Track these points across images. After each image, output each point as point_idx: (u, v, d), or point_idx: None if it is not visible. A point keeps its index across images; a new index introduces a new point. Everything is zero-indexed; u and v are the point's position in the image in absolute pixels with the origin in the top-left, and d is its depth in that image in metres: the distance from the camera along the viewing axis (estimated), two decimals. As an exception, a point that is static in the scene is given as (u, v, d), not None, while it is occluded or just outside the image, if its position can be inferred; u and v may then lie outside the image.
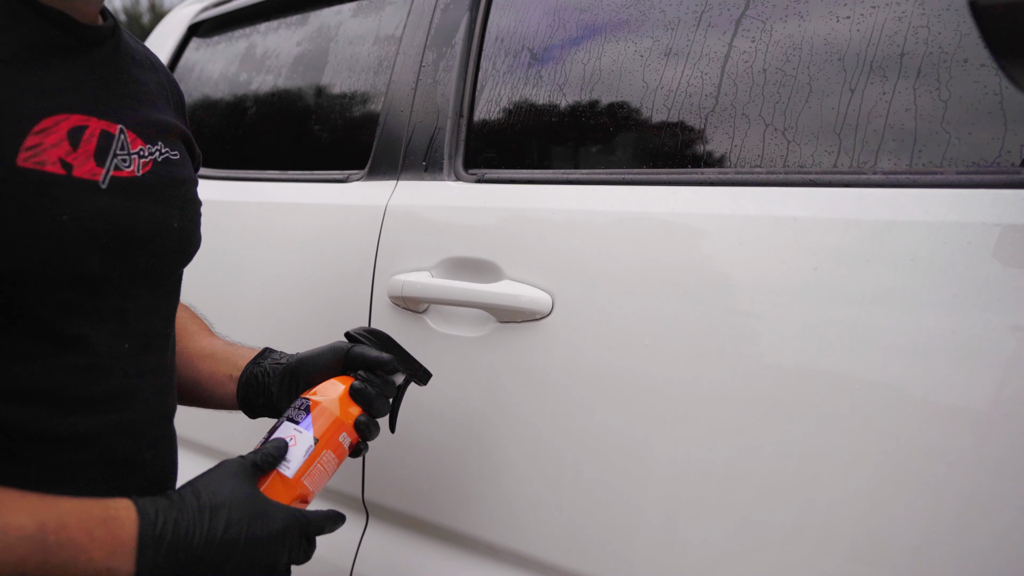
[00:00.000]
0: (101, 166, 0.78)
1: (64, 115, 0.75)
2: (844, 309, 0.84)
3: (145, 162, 0.84)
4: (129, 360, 0.83)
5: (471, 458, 1.14)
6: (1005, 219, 0.77)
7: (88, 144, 0.77)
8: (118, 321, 0.82)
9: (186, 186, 0.92)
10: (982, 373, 0.76)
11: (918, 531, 0.79)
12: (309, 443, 0.87)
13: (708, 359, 0.92)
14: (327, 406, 0.91)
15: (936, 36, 0.87)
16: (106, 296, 0.80)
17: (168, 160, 0.88)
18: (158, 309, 0.89)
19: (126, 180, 0.81)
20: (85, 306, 0.78)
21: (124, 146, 0.81)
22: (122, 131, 0.81)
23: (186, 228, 0.91)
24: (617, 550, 0.99)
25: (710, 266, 0.94)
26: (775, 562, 0.88)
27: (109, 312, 0.81)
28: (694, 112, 1.04)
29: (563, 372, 1.05)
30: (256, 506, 0.80)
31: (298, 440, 0.87)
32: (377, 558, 1.27)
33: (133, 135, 0.83)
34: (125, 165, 0.81)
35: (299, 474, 0.87)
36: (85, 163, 0.77)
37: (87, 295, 0.78)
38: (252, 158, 1.76)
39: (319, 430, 0.89)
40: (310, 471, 0.88)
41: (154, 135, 0.87)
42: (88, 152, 0.77)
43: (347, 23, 1.63)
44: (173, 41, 2.02)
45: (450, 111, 1.28)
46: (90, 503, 0.73)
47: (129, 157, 0.82)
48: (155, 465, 0.90)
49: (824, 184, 0.90)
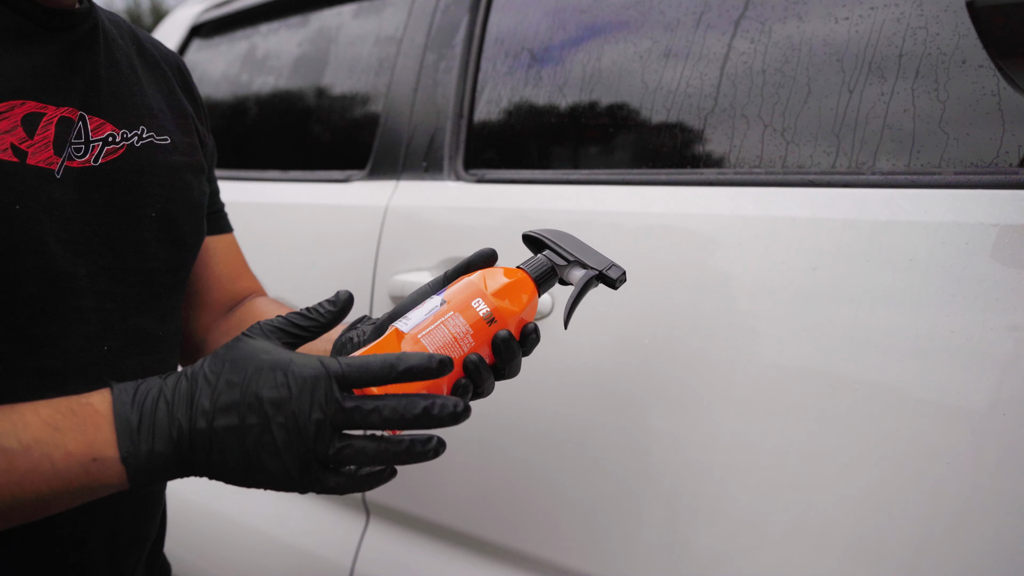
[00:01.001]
0: (60, 155, 0.74)
1: (19, 101, 0.71)
2: (843, 309, 0.84)
3: (114, 148, 0.79)
4: (104, 365, 0.77)
5: (471, 457, 1.14)
6: (1003, 219, 0.77)
7: (46, 132, 0.72)
8: (99, 323, 0.76)
9: (177, 172, 0.85)
10: (980, 373, 0.76)
11: (917, 530, 0.80)
12: (435, 303, 0.71)
13: (707, 359, 0.93)
14: (472, 278, 0.74)
15: (934, 37, 0.88)
16: (81, 295, 0.75)
17: (151, 145, 0.83)
18: (151, 308, 0.82)
19: (82, 170, 0.76)
20: (57, 306, 0.73)
21: (82, 134, 0.76)
22: (82, 118, 0.76)
23: (173, 217, 0.84)
24: (618, 549, 0.99)
25: (709, 266, 0.94)
26: (775, 562, 0.88)
27: (88, 313, 0.75)
28: (693, 113, 1.05)
29: (563, 372, 1.05)
30: (262, 358, 0.62)
31: (426, 304, 0.72)
32: (378, 557, 1.28)
33: (100, 121, 0.78)
34: (79, 155, 0.75)
35: (417, 330, 0.69)
36: (43, 151, 0.72)
37: (58, 294, 0.73)
38: (253, 158, 1.76)
39: (450, 294, 0.72)
40: (431, 330, 0.69)
41: (133, 120, 0.82)
42: (46, 140, 0.72)
43: (348, 24, 1.63)
44: (175, 42, 2.03)
45: (450, 112, 1.28)
46: (61, 399, 0.62)
47: (88, 145, 0.76)
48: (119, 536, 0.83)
49: (823, 184, 0.90)
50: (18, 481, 0.57)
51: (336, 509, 1.36)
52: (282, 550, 1.41)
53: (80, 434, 0.59)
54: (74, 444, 0.59)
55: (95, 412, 0.60)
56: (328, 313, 0.68)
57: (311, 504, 1.40)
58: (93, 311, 0.76)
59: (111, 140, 0.79)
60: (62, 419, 0.59)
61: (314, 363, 0.61)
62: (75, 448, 0.59)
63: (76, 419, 0.60)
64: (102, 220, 0.78)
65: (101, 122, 0.79)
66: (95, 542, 0.82)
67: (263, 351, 0.62)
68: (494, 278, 0.74)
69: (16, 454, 0.57)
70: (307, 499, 1.41)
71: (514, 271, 0.76)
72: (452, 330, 0.70)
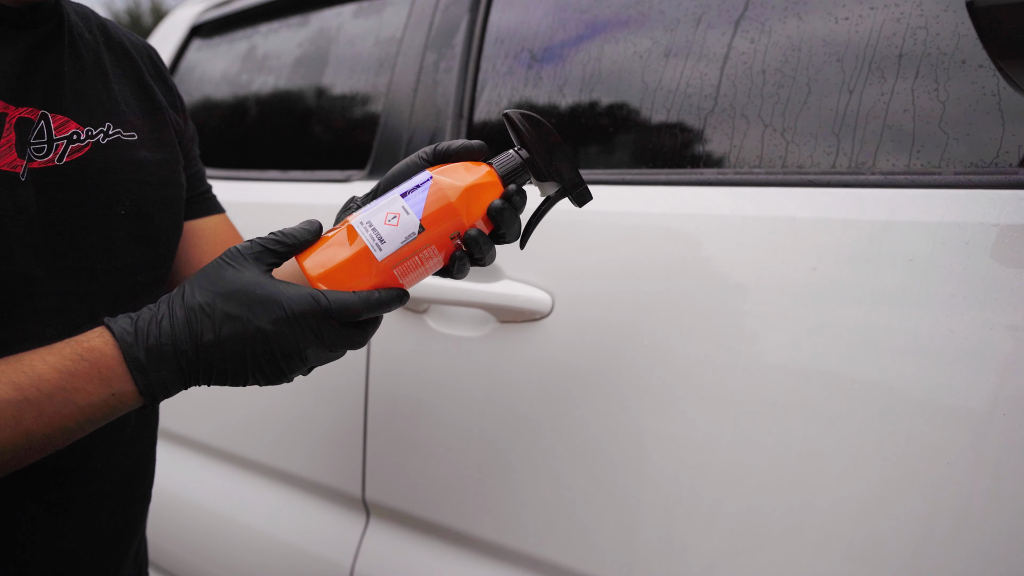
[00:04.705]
0: (23, 157, 0.73)
1: None
2: (843, 309, 0.84)
3: (78, 147, 0.78)
4: None
5: (472, 457, 1.14)
6: (1003, 219, 0.77)
7: (8, 134, 0.72)
8: (62, 324, 0.75)
9: (146, 168, 0.84)
10: (980, 373, 0.76)
11: (917, 531, 0.80)
12: (413, 228, 0.72)
13: (707, 359, 0.93)
14: (447, 192, 0.73)
15: (934, 37, 0.88)
16: (40, 298, 0.74)
17: (118, 142, 0.82)
18: (127, 306, 0.79)
19: (44, 170, 0.75)
20: (13, 310, 0.73)
21: (43, 133, 0.75)
22: (43, 117, 0.75)
23: (146, 213, 0.83)
24: (617, 549, 0.99)
25: (709, 266, 0.94)
26: (774, 562, 0.88)
27: (48, 315, 0.75)
28: (693, 113, 1.05)
29: (563, 372, 1.05)
30: (257, 292, 0.68)
31: (401, 220, 0.72)
32: (378, 557, 1.28)
33: (63, 119, 0.77)
34: (40, 155, 0.74)
35: (390, 261, 0.72)
36: (7, 155, 0.71)
37: (14, 298, 0.72)
38: (253, 158, 1.76)
39: (429, 216, 0.73)
40: (406, 261, 0.73)
41: (99, 117, 0.81)
42: (9, 143, 0.72)
43: (348, 24, 1.63)
44: (175, 42, 2.03)
45: (450, 112, 1.28)
46: (60, 345, 0.67)
47: (50, 144, 0.75)
48: (112, 473, 0.85)
49: (823, 184, 0.90)
50: (48, 422, 0.65)
51: (336, 509, 1.36)
52: (282, 550, 1.41)
53: (95, 376, 0.66)
54: (92, 385, 0.66)
55: (104, 355, 0.67)
56: (304, 234, 0.73)
57: (311, 504, 1.40)
58: (54, 313, 0.76)
59: (76, 138, 0.78)
60: (72, 365, 0.66)
61: (306, 297, 0.69)
62: (94, 389, 0.66)
63: (86, 364, 0.66)
64: (68, 220, 0.77)
65: (64, 120, 0.77)
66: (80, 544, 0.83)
67: (256, 284, 0.69)
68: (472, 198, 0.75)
69: (41, 403, 0.64)
70: (307, 499, 1.41)
71: (488, 172, 0.77)
72: (426, 263, 0.75)
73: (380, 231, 0.72)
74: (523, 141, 0.78)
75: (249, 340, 0.68)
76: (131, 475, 0.89)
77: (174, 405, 1.00)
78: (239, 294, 0.68)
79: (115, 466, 0.86)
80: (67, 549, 0.82)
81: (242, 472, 1.54)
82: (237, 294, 0.68)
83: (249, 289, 0.68)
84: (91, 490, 0.83)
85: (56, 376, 0.65)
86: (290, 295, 0.68)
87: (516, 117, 0.78)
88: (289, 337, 0.68)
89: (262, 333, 0.68)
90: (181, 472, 1.63)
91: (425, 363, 1.20)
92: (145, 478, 0.93)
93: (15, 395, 0.64)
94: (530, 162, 0.78)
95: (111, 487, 0.86)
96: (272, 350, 0.69)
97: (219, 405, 1.54)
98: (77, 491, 0.82)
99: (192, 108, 1.89)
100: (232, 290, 0.68)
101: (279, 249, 0.71)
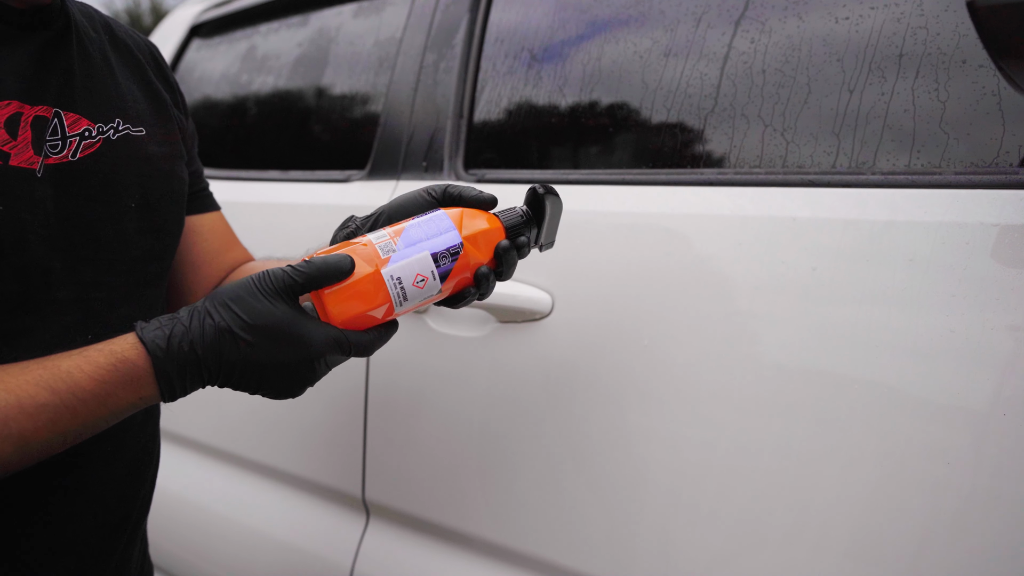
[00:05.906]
0: (39, 154, 0.76)
1: (5, 102, 0.74)
2: (843, 309, 0.84)
3: (90, 143, 0.81)
4: None
5: (471, 457, 1.14)
6: (1003, 219, 0.77)
7: (25, 132, 0.75)
8: (81, 312, 0.80)
9: (153, 162, 0.88)
10: (980, 373, 0.76)
11: (917, 530, 0.80)
12: (435, 291, 0.80)
13: (707, 359, 0.93)
14: (472, 262, 0.81)
15: (934, 37, 0.88)
16: (58, 288, 0.78)
17: (127, 137, 0.85)
18: (138, 296, 0.85)
19: (59, 166, 0.78)
20: (33, 299, 0.76)
21: (57, 130, 0.78)
22: (57, 114, 0.78)
23: (153, 206, 0.87)
24: (617, 549, 0.99)
25: (709, 266, 0.94)
26: (774, 562, 0.88)
27: (66, 304, 0.79)
28: (693, 113, 1.05)
29: (563, 372, 1.05)
30: (287, 331, 0.73)
31: (428, 284, 0.79)
32: (378, 557, 1.28)
33: (75, 116, 0.80)
34: (55, 151, 0.78)
35: (405, 310, 0.80)
36: (24, 152, 0.75)
37: (34, 288, 0.76)
38: (253, 158, 1.76)
39: (451, 281, 0.81)
40: (412, 308, 0.81)
41: (108, 113, 0.84)
42: (26, 140, 0.75)
43: (347, 24, 1.63)
44: (174, 42, 2.03)
45: (450, 112, 1.28)
46: (94, 352, 0.72)
47: (64, 141, 0.79)
48: (121, 457, 0.88)
49: (823, 184, 0.90)
50: (80, 423, 0.70)
51: (336, 509, 1.36)
52: (282, 550, 1.41)
53: (127, 384, 0.72)
54: (123, 391, 0.72)
55: (135, 367, 0.72)
56: (337, 273, 0.78)
57: (311, 504, 1.40)
58: (73, 302, 0.79)
59: (87, 135, 0.81)
60: (107, 375, 0.71)
61: (331, 342, 0.75)
62: (124, 394, 0.72)
63: (119, 375, 0.71)
64: (83, 213, 0.80)
65: (76, 117, 0.80)
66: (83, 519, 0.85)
67: (287, 323, 0.74)
68: (486, 250, 0.82)
69: (76, 407, 0.70)
70: (307, 499, 1.41)
71: (493, 220, 0.84)
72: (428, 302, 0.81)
73: (407, 290, 0.78)
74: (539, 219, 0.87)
75: (270, 368, 0.74)
76: (139, 459, 0.92)
77: (174, 405, 1.01)
78: (269, 329, 0.73)
79: (125, 449, 0.89)
80: (79, 531, 0.84)
81: (242, 472, 1.54)
82: (267, 329, 0.73)
83: (280, 327, 0.73)
84: (102, 473, 0.86)
85: (92, 384, 0.70)
86: (318, 339, 0.74)
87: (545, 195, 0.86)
88: (307, 370, 0.75)
89: (285, 366, 0.74)
90: (181, 472, 1.63)
91: (425, 363, 1.20)
92: (151, 462, 0.96)
93: (53, 399, 0.68)
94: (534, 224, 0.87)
95: (121, 470, 0.89)
96: (289, 377, 0.75)
97: (219, 405, 1.54)
98: (90, 475, 0.85)
99: (192, 108, 1.89)
100: (262, 324, 0.73)
101: (309, 284, 0.76)
